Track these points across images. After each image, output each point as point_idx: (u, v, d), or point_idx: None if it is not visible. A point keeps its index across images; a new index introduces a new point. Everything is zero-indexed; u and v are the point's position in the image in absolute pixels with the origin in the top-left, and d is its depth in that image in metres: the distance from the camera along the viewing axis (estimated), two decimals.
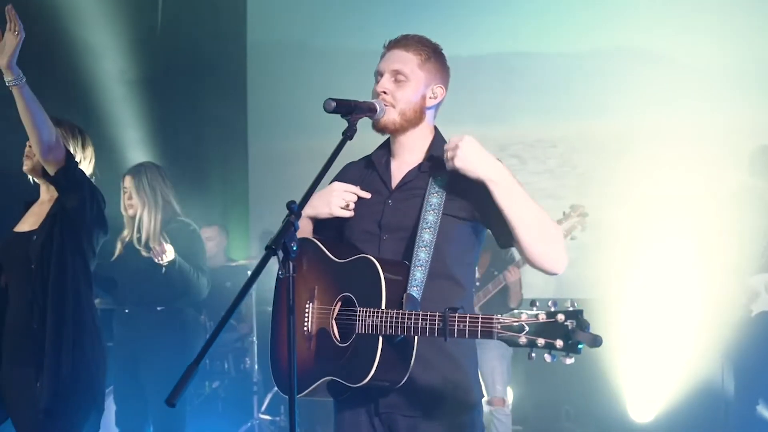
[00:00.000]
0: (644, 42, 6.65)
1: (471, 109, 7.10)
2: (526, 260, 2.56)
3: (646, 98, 6.55)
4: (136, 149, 7.03)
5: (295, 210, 2.28)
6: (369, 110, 2.62)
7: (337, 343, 2.53)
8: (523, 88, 7.09)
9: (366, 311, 2.46)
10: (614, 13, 6.75)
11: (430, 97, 2.72)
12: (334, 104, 2.55)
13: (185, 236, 4.93)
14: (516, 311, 2.14)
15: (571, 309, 2.09)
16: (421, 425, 2.54)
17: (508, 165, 2.68)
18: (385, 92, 2.67)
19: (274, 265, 2.25)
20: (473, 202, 2.62)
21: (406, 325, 2.37)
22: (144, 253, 4.77)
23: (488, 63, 7.18)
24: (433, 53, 2.74)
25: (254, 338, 6.47)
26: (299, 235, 2.71)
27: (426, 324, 2.34)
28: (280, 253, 2.24)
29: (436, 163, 2.66)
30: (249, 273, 6.44)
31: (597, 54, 6.81)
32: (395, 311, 2.40)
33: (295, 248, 2.21)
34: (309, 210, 2.73)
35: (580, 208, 5.18)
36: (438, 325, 2.31)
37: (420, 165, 2.69)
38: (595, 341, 2.06)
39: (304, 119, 7.71)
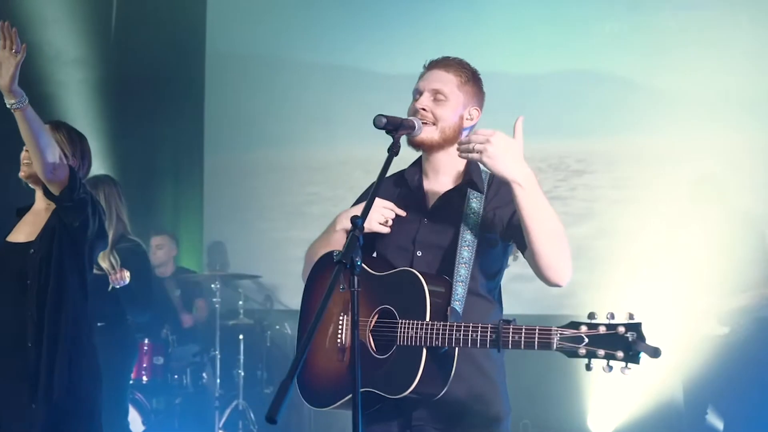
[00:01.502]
0: (604, 65, 6.81)
1: None
2: (535, 268, 2.59)
3: (605, 120, 6.71)
4: None
5: (359, 225, 2.27)
6: (410, 127, 2.65)
7: (375, 354, 2.54)
8: (491, 108, 7.12)
9: (408, 323, 2.48)
10: (576, 36, 6.88)
11: (467, 119, 2.79)
12: (384, 120, 2.57)
13: (136, 258, 4.94)
14: (573, 322, 2.21)
15: (632, 322, 2.18)
16: None
17: None
18: (424, 109, 2.72)
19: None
20: (504, 223, 2.69)
21: (454, 336, 2.39)
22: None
23: None
24: (472, 76, 2.82)
25: (217, 352, 6.36)
26: (331, 248, 2.73)
27: (477, 335, 2.37)
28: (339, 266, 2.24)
29: (471, 185, 2.74)
30: (197, 281, 6.39)
31: (556, 75, 6.93)
32: (441, 323, 2.43)
33: (359, 263, 2.21)
34: (346, 223, 2.73)
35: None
36: (490, 336, 2.34)
37: (458, 187, 2.74)
38: (656, 352, 2.13)
39: (263, 131, 7.71)
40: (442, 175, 2.78)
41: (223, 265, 7.42)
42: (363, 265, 2.67)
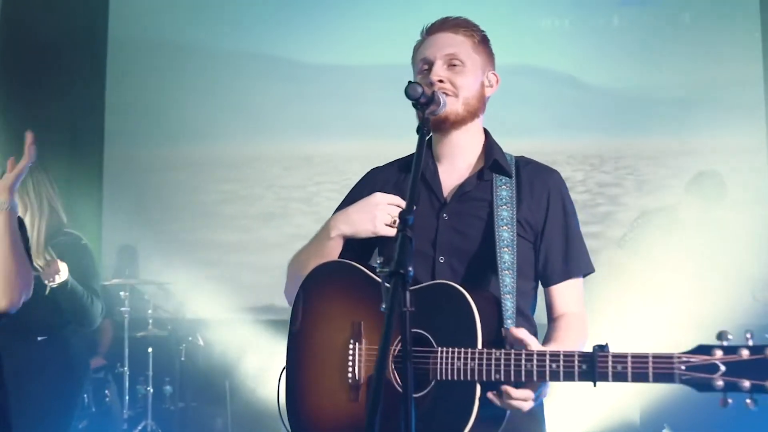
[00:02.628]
0: (544, 61, 6.52)
1: (353, 122, 6.75)
2: None
3: (549, 116, 6.43)
4: None
5: (410, 223, 1.76)
6: (437, 102, 2.17)
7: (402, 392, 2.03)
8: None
9: (451, 352, 1.98)
10: (519, 31, 6.59)
11: (487, 86, 2.36)
12: (421, 90, 2.09)
13: (77, 252, 4.12)
14: (702, 346, 1.74)
15: None
16: None
17: None
18: (441, 80, 2.24)
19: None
20: (539, 219, 2.26)
21: (523, 368, 1.91)
22: None
23: (385, 74, 6.78)
24: (483, 36, 2.40)
25: (126, 368, 5.69)
26: (326, 259, 2.23)
27: (558, 366, 1.88)
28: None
29: (497, 168, 2.27)
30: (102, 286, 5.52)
31: (501, 69, 6.57)
32: (502, 351, 1.95)
33: (411, 273, 1.71)
34: (345, 228, 2.26)
35: None
36: (579, 367, 1.86)
37: (481, 172, 2.26)
38: None
39: (171, 123, 7.04)
40: (459, 158, 2.31)
41: (130, 271, 6.70)
42: (376, 278, 2.18)
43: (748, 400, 1.71)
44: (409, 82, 2.10)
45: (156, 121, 7.04)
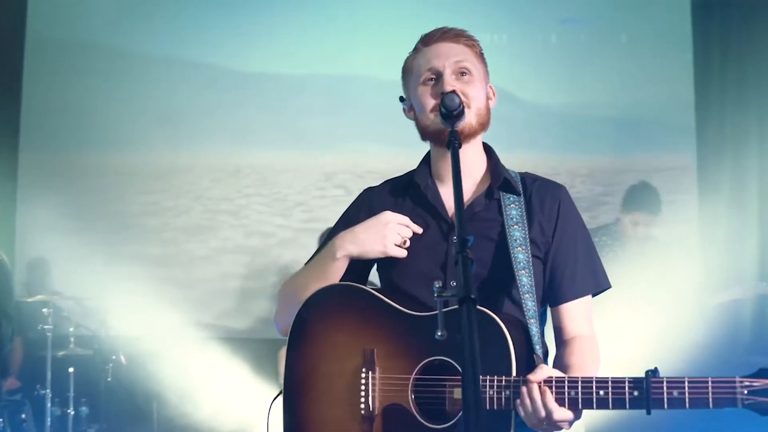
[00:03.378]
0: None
1: (294, 132, 6.59)
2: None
3: (486, 132, 6.44)
4: None
5: (470, 244, 1.65)
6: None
7: (426, 423, 1.93)
8: (354, 115, 6.66)
9: (483, 380, 1.87)
10: None
11: (489, 98, 2.27)
12: (458, 101, 2.05)
13: None
14: (763, 369, 1.74)
15: None
16: None
17: (332, 195, 2.29)
18: (453, 91, 2.13)
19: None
20: (549, 235, 2.19)
21: (566, 396, 1.83)
22: None
23: (317, 83, 6.68)
24: (480, 46, 2.31)
25: (48, 390, 5.35)
26: (330, 281, 2.10)
27: (607, 394, 1.81)
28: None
29: (506, 186, 2.19)
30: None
31: None
32: (548, 376, 1.87)
33: (475, 297, 1.60)
34: (352, 248, 2.14)
35: None
36: (630, 394, 1.80)
37: (489, 190, 2.17)
38: None
39: (92, 129, 6.74)
40: (465, 176, 2.16)
41: (43, 286, 6.32)
42: (390, 302, 2.06)
43: None
44: (446, 92, 2.03)
45: (75, 126, 6.71)
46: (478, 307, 1.89)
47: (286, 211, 6.59)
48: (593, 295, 2.23)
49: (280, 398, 2.12)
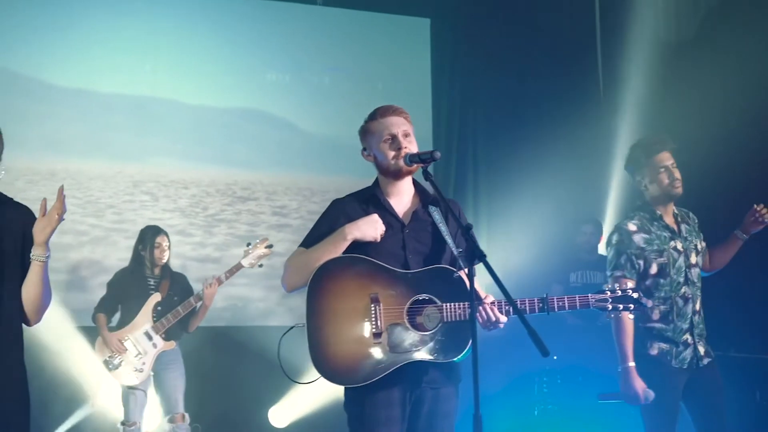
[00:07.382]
0: (269, 107, 7.83)
1: (104, 144, 7.36)
2: None
3: (268, 154, 7.78)
4: None
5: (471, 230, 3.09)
6: None
7: (418, 332, 3.23)
8: (160, 132, 7.56)
9: (455, 305, 3.23)
10: (250, 82, 7.84)
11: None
12: (438, 155, 3.32)
13: None
14: (605, 288, 3.43)
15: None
16: (440, 393, 3.33)
17: (140, 201, 3.30)
18: (405, 147, 3.43)
19: None
20: (455, 227, 3.55)
21: (503, 309, 3.24)
22: None
23: (126, 103, 7.46)
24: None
25: None
26: (337, 254, 3.38)
27: (526, 306, 3.27)
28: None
29: (428, 201, 3.52)
30: None
31: (231, 111, 7.76)
32: (492, 301, 3.25)
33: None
34: (357, 233, 3.35)
35: (266, 240, 6.08)
36: (538, 305, 3.27)
37: (422, 204, 3.52)
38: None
39: None
40: (405, 195, 3.50)
41: None
42: (385, 265, 3.33)
43: (626, 312, 3.40)
44: (434, 151, 3.29)
45: None
46: (444, 266, 3.30)
47: (98, 213, 7.26)
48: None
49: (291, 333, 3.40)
